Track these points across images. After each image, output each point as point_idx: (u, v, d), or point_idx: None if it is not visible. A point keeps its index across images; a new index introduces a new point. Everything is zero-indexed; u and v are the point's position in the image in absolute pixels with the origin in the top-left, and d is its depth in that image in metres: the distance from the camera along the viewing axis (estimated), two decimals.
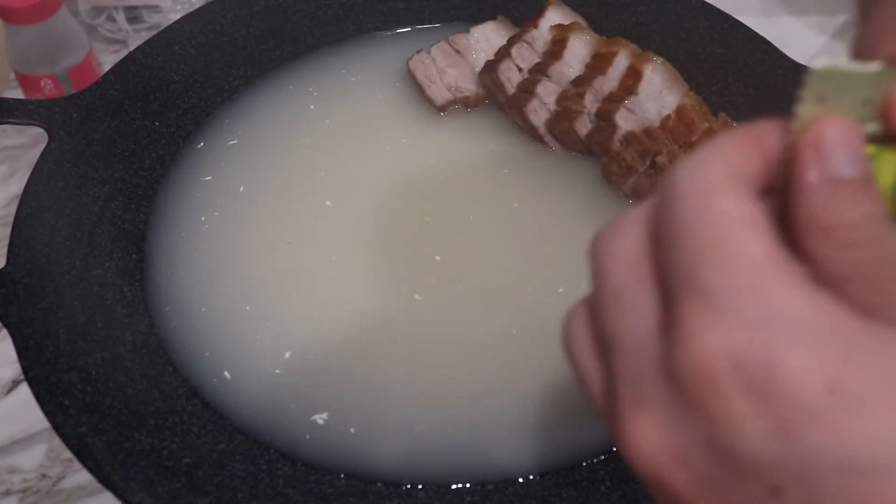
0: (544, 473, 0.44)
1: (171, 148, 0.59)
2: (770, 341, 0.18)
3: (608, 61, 0.58)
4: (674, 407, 0.19)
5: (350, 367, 0.48)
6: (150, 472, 0.41)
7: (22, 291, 0.46)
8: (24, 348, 0.43)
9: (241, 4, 0.64)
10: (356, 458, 0.45)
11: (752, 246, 0.19)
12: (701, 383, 0.18)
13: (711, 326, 0.18)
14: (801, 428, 0.17)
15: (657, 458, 0.19)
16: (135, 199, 0.55)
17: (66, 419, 0.41)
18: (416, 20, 0.67)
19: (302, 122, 0.61)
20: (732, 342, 0.18)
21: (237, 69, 0.63)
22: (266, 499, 0.42)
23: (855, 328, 0.18)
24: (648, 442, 0.19)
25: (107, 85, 0.57)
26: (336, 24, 0.66)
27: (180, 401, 0.47)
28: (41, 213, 0.50)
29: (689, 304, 0.19)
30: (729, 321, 0.18)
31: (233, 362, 0.49)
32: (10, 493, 0.53)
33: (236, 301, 0.51)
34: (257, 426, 0.46)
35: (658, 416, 0.19)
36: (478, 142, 0.59)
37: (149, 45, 0.60)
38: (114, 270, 0.51)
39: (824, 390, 0.17)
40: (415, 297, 0.51)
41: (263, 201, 0.56)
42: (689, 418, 0.19)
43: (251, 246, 0.54)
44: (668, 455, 0.19)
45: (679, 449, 0.19)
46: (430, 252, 0.53)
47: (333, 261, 0.53)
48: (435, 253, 0.53)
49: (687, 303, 0.19)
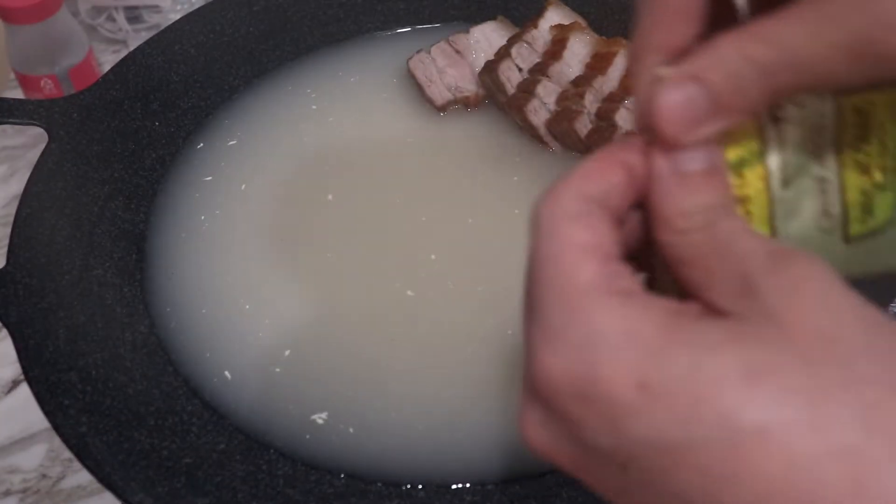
0: (545, 473, 0.44)
1: (171, 148, 0.59)
2: (591, 358, 0.22)
3: (608, 61, 0.58)
4: (542, 411, 0.24)
5: (349, 366, 0.48)
6: (150, 472, 0.41)
7: (22, 291, 0.46)
8: (24, 348, 0.43)
9: (241, 4, 0.64)
10: (356, 458, 0.45)
11: (583, 273, 0.23)
12: (549, 396, 0.23)
13: (548, 350, 0.23)
14: (623, 421, 0.21)
15: (543, 447, 0.24)
16: (135, 199, 0.55)
17: (66, 419, 0.41)
18: (416, 20, 0.67)
19: (302, 121, 0.61)
20: (564, 362, 0.22)
21: (237, 69, 0.63)
22: (266, 499, 0.42)
23: (661, 332, 0.22)
24: (535, 436, 0.24)
25: (107, 85, 0.57)
26: (336, 24, 0.66)
27: (180, 401, 0.47)
28: (41, 213, 0.50)
29: (534, 330, 0.23)
30: (560, 345, 0.22)
31: (233, 362, 0.49)
32: (10, 493, 0.53)
33: (236, 301, 0.51)
34: (257, 426, 0.46)
35: (537, 416, 0.24)
36: (478, 142, 0.59)
37: (149, 45, 0.60)
38: (114, 270, 0.51)
39: (636, 389, 0.21)
40: (408, 294, 0.51)
41: (263, 201, 0.56)
42: (553, 420, 0.23)
43: (251, 246, 0.54)
44: (549, 446, 0.24)
45: (555, 442, 0.24)
46: (426, 251, 0.53)
47: (332, 260, 0.53)
48: (430, 252, 0.53)
49: (532, 329, 0.23)
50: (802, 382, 0.20)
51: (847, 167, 0.26)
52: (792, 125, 0.26)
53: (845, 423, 0.20)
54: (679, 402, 0.21)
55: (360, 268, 0.52)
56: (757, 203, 0.26)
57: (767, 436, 0.20)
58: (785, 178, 0.26)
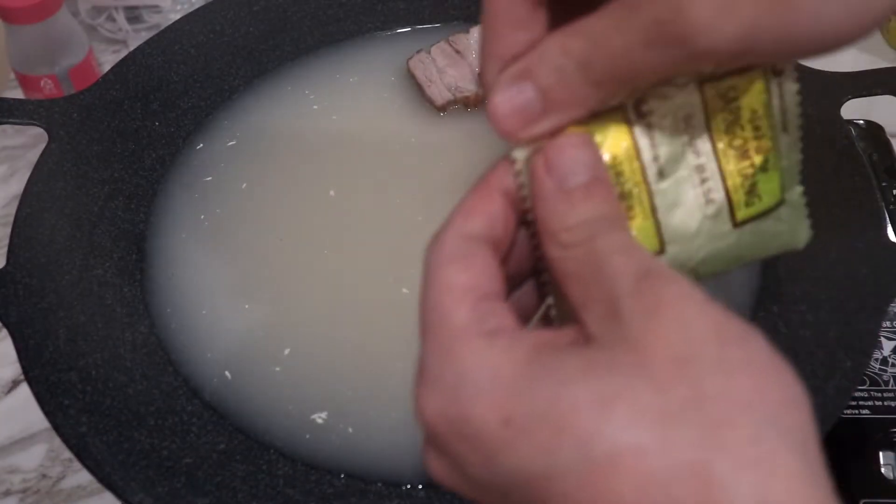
0: None
1: (170, 148, 0.59)
2: (461, 398, 0.23)
3: None
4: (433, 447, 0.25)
5: (348, 365, 0.48)
6: (150, 472, 0.41)
7: (22, 291, 0.46)
8: (24, 348, 0.43)
9: (241, 4, 0.64)
10: (356, 458, 0.45)
11: (456, 316, 0.24)
12: (434, 435, 0.24)
13: (427, 393, 0.24)
14: (495, 456, 0.22)
15: (442, 479, 0.25)
16: (135, 199, 0.55)
17: (66, 419, 0.41)
18: (416, 20, 0.67)
19: (302, 121, 0.61)
20: (440, 403, 0.23)
21: (237, 69, 0.63)
22: (266, 499, 0.42)
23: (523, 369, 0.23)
24: (434, 469, 0.25)
25: (107, 85, 0.57)
26: (336, 24, 0.66)
27: (180, 401, 0.47)
28: (41, 213, 0.50)
29: (419, 373, 0.25)
30: (437, 387, 0.24)
31: (233, 362, 0.49)
32: (10, 493, 0.53)
33: (236, 300, 0.51)
34: (257, 426, 0.46)
35: (432, 451, 0.25)
36: (478, 142, 0.59)
37: (149, 45, 0.60)
38: (114, 270, 0.51)
39: (501, 425, 0.22)
40: (403, 292, 0.51)
41: (263, 201, 0.56)
42: (442, 455, 0.24)
43: (251, 245, 0.54)
44: (446, 478, 0.25)
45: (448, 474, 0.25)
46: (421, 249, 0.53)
47: (331, 259, 0.53)
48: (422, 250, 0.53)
49: (419, 372, 0.25)
50: (653, 405, 0.21)
51: (724, 153, 0.27)
52: (658, 117, 0.26)
53: (692, 442, 0.21)
54: (541, 433, 0.22)
55: (359, 267, 0.52)
56: (637, 198, 0.26)
57: (619, 459, 0.21)
58: (660, 170, 0.26)
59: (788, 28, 0.22)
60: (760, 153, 0.27)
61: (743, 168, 0.27)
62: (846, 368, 0.42)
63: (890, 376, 0.53)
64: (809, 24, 0.22)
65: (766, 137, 0.27)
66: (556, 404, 0.22)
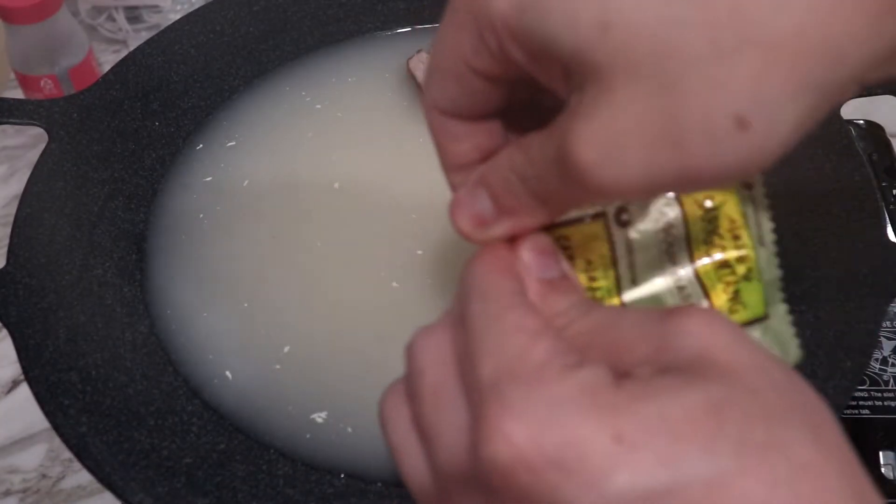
0: None
1: (170, 148, 0.59)
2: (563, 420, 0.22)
3: None
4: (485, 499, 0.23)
5: (347, 363, 0.48)
6: (150, 472, 0.41)
7: (22, 291, 0.46)
8: (24, 348, 0.43)
9: (241, 4, 0.64)
10: (356, 457, 0.45)
11: (537, 353, 0.23)
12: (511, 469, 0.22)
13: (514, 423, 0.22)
14: (607, 477, 0.21)
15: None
16: (135, 199, 0.55)
17: (66, 419, 0.41)
18: (416, 20, 0.67)
19: (302, 121, 0.61)
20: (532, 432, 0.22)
21: (237, 69, 0.63)
22: (266, 499, 0.42)
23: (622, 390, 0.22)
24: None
25: (107, 85, 0.57)
26: (336, 24, 0.66)
27: (180, 401, 0.47)
28: (41, 213, 0.50)
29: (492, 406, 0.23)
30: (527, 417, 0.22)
31: (233, 362, 0.49)
32: (10, 493, 0.53)
33: (236, 300, 0.51)
34: (257, 426, 0.46)
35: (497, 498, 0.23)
36: None
37: (149, 45, 0.60)
38: (114, 270, 0.51)
39: (613, 441, 0.21)
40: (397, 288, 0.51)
41: (262, 201, 0.56)
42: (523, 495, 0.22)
43: (250, 245, 0.54)
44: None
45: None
46: (419, 249, 0.53)
47: (330, 258, 0.53)
48: (424, 251, 0.53)
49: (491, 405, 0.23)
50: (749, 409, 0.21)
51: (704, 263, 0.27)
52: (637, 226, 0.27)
53: None
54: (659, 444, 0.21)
55: (359, 267, 0.52)
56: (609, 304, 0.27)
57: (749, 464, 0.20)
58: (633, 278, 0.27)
59: (684, 168, 0.22)
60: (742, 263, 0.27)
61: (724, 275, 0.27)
62: (846, 368, 0.42)
63: (890, 376, 0.53)
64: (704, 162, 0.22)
65: (748, 247, 0.27)
66: (667, 414, 0.21)
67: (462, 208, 0.28)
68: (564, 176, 0.23)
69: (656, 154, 0.22)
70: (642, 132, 0.22)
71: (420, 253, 0.53)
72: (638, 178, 0.22)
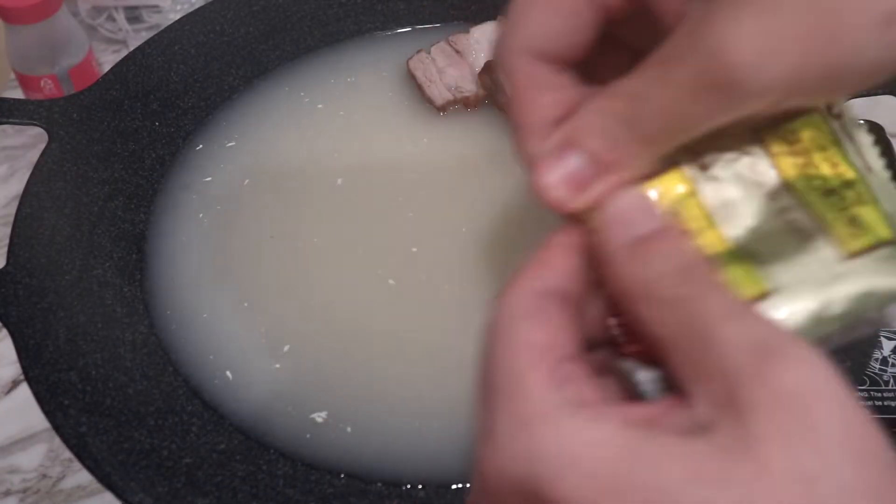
0: None
1: (170, 148, 0.59)
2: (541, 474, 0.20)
3: None
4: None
5: (346, 363, 0.48)
6: (150, 472, 0.41)
7: (22, 291, 0.46)
8: (24, 348, 0.43)
9: (241, 4, 0.64)
10: (356, 457, 0.45)
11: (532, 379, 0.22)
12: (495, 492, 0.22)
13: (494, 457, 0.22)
14: None
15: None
16: (135, 199, 0.55)
17: (66, 419, 0.41)
18: (416, 20, 0.67)
19: (301, 122, 0.61)
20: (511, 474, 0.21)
21: (237, 69, 0.63)
22: (266, 499, 0.42)
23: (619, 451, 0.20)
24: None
25: (107, 85, 0.57)
26: (336, 24, 0.66)
27: (180, 401, 0.47)
28: (41, 213, 0.50)
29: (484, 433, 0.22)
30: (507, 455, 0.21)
31: (233, 362, 0.49)
32: (10, 493, 0.53)
33: (236, 300, 0.51)
34: (257, 426, 0.46)
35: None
36: (478, 142, 0.59)
37: (149, 45, 0.60)
38: (114, 270, 0.51)
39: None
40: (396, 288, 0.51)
41: (262, 201, 0.56)
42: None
43: (250, 245, 0.54)
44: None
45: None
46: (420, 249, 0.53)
47: (329, 258, 0.53)
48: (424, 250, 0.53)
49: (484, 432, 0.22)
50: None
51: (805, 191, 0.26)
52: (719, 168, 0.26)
53: None
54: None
55: (359, 267, 0.52)
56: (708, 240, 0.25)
57: None
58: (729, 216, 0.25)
59: (832, 64, 0.22)
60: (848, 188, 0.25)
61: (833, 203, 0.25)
62: (846, 368, 0.42)
63: (890, 376, 0.53)
64: (852, 58, 0.22)
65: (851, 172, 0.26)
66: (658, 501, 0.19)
67: (552, 174, 0.25)
68: (711, 88, 0.22)
69: (810, 50, 0.22)
70: (798, 27, 0.22)
71: (415, 251, 0.53)
72: (790, 76, 0.22)
